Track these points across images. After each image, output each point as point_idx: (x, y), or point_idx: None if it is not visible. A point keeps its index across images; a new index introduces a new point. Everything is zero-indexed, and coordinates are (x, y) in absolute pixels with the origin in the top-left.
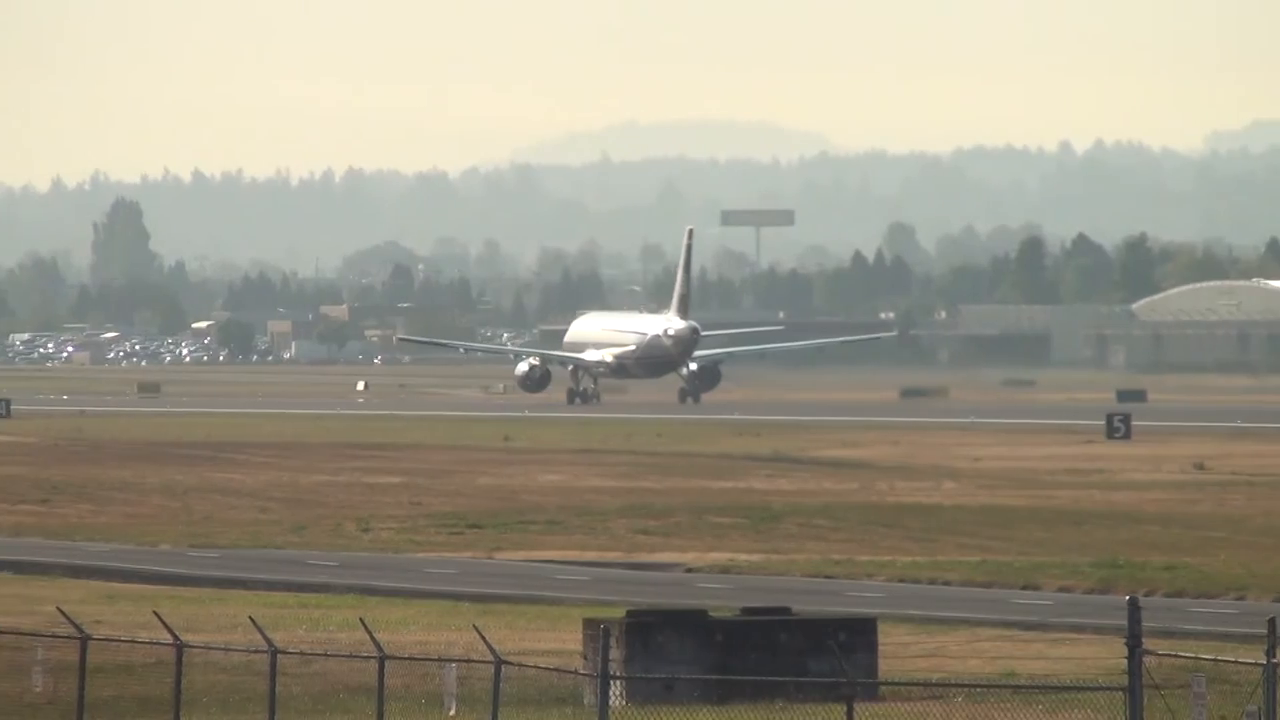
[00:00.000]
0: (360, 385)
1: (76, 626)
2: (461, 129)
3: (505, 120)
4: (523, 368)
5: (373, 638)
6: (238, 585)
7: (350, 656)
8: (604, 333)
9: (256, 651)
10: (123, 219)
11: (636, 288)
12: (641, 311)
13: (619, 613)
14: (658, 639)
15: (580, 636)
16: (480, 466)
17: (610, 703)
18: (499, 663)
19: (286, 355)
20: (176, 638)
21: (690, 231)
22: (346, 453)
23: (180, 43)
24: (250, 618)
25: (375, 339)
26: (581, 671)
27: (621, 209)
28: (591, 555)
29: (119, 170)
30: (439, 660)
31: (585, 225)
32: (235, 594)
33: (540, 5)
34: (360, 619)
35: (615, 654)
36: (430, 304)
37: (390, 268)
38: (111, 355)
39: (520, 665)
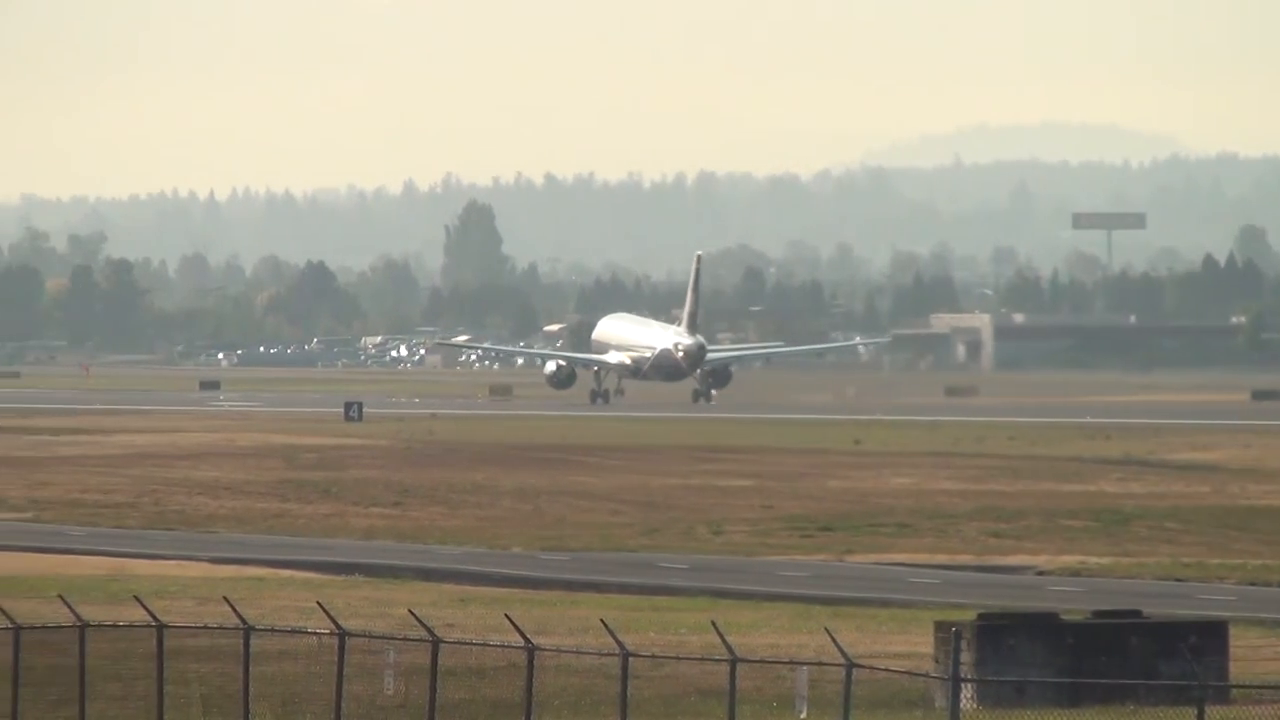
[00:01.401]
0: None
1: (428, 629)
2: (813, 131)
3: (857, 122)
4: (550, 367)
5: (724, 640)
6: (589, 588)
7: (702, 659)
8: (623, 338)
9: (608, 654)
10: (475, 221)
11: (988, 291)
12: (646, 313)
13: (970, 615)
14: (1009, 642)
15: (931, 639)
16: (831, 469)
17: (961, 705)
18: (850, 665)
19: None
20: (528, 640)
21: (699, 257)
22: (698, 455)
23: (531, 46)
24: (602, 620)
25: (727, 342)
26: (932, 674)
27: (973, 211)
28: (942, 558)
29: (471, 173)
30: (790, 663)
31: (936, 228)
32: (587, 597)
33: (891, 7)
34: (712, 622)
35: (966, 657)
36: (782, 307)
37: (742, 270)
38: (463, 358)
39: (871, 668)
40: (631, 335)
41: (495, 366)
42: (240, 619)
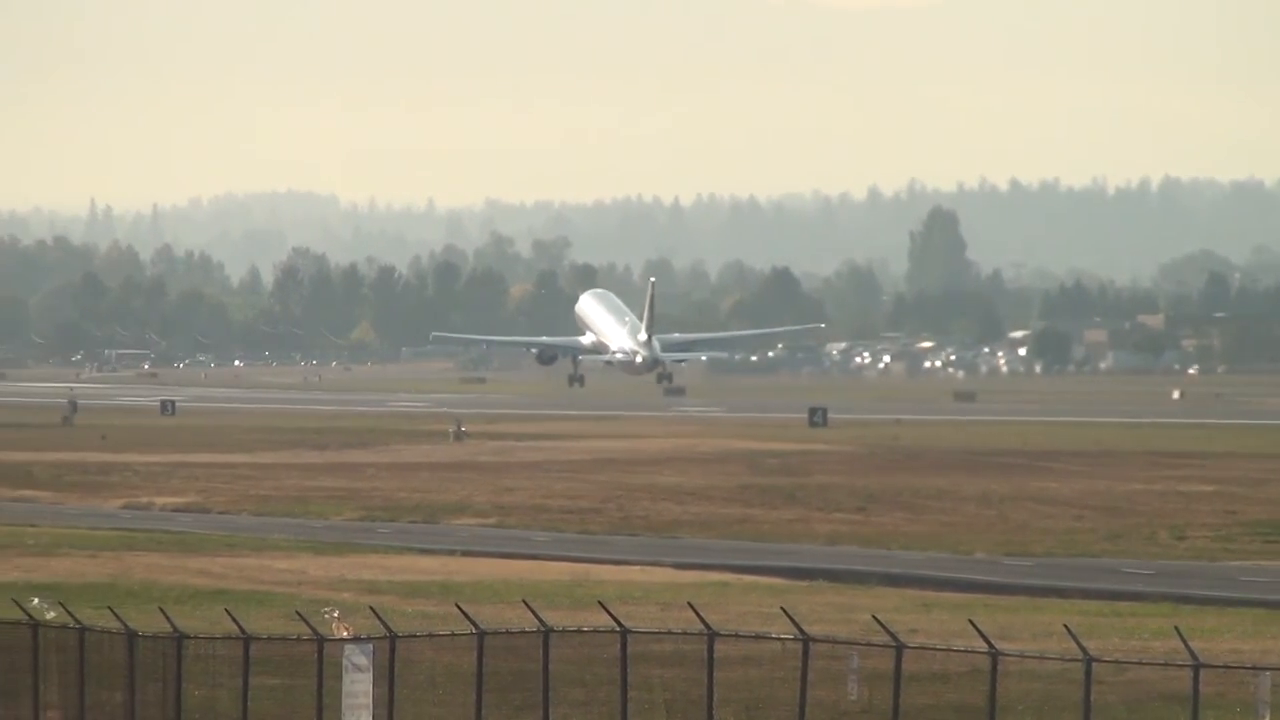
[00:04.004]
0: (1175, 395)
1: (892, 635)
2: (1278, 136)
3: None
4: (534, 350)
5: (1187, 646)
6: (1052, 593)
7: (1164, 665)
8: (597, 325)
9: (1071, 660)
10: (939, 227)
11: None
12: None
13: None
14: None
15: None
16: None
17: None
18: None
19: (1102, 365)
20: (991, 646)
21: (653, 283)
22: (1160, 461)
23: (991, 52)
24: (1065, 626)
25: (1191, 348)
26: None
27: None
28: None
29: (936, 178)
30: (1253, 669)
31: None
32: (1050, 602)
33: None
34: (1175, 627)
35: None
36: (1246, 313)
37: (1205, 276)
38: (927, 364)
39: None
40: (603, 325)
41: (960, 374)
42: (704, 624)
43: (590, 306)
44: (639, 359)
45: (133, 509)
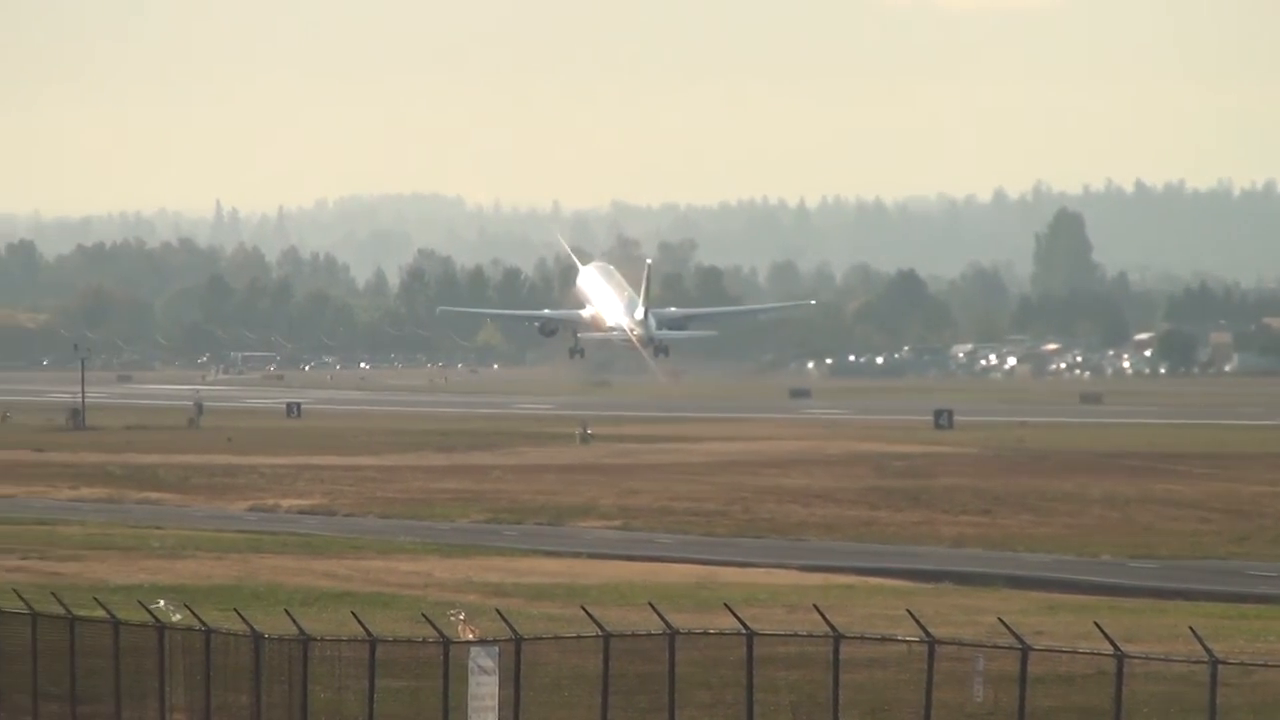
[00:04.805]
0: None
1: (1017, 637)
2: None
3: None
4: (537, 323)
5: None
6: (1177, 596)
7: None
8: (596, 298)
9: (1196, 662)
10: (1065, 230)
11: None
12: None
13: None
14: None
15: None
16: None
17: None
18: None
19: (1228, 367)
20: (1117, 648)
21: (649, 264)
22: None
23: (1106, 54)
24: (1190, 628)
25: None
26: None
27: None
28: None
29: (1061, 181)
30: None
31: None
32: (1175, 604)
33: None
34: None
35: None
36: None
37: None
38: (1052, 367)
39: None
40: (602, 299)
41: (1086, 375)
42: (830, 626)
43: (591, 279)
44: (635, 335)
45: (258, 511)
